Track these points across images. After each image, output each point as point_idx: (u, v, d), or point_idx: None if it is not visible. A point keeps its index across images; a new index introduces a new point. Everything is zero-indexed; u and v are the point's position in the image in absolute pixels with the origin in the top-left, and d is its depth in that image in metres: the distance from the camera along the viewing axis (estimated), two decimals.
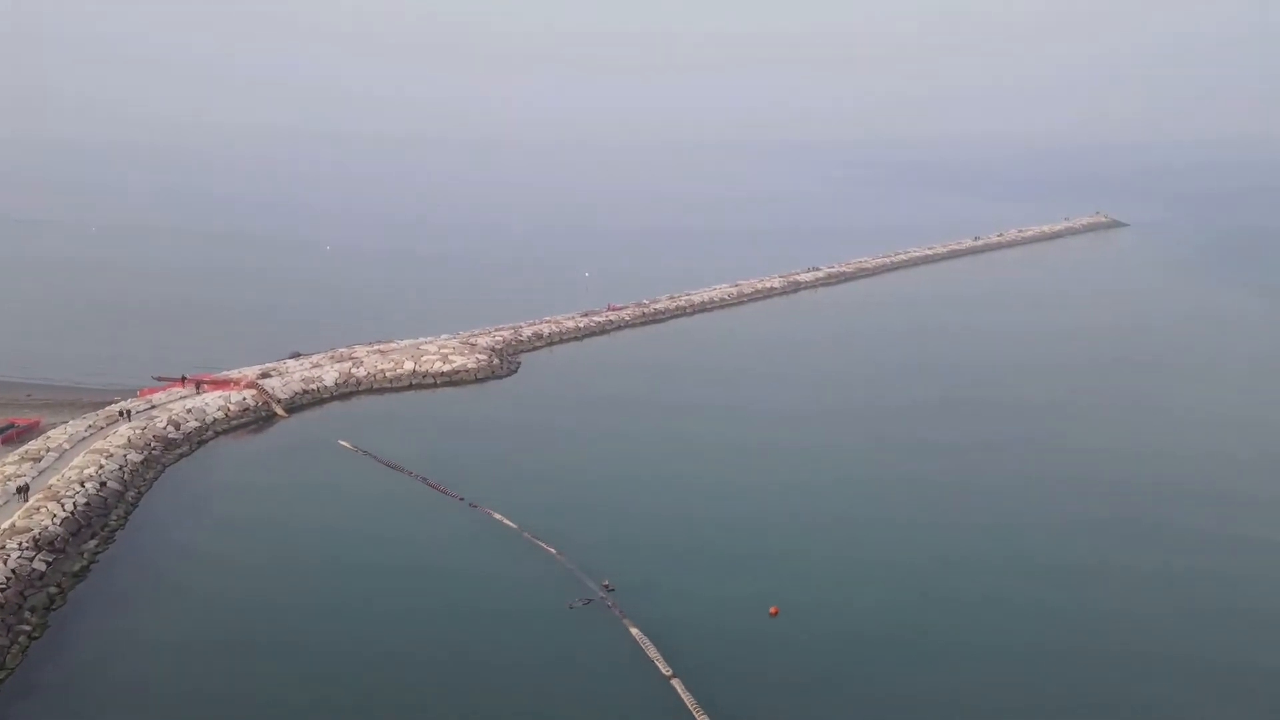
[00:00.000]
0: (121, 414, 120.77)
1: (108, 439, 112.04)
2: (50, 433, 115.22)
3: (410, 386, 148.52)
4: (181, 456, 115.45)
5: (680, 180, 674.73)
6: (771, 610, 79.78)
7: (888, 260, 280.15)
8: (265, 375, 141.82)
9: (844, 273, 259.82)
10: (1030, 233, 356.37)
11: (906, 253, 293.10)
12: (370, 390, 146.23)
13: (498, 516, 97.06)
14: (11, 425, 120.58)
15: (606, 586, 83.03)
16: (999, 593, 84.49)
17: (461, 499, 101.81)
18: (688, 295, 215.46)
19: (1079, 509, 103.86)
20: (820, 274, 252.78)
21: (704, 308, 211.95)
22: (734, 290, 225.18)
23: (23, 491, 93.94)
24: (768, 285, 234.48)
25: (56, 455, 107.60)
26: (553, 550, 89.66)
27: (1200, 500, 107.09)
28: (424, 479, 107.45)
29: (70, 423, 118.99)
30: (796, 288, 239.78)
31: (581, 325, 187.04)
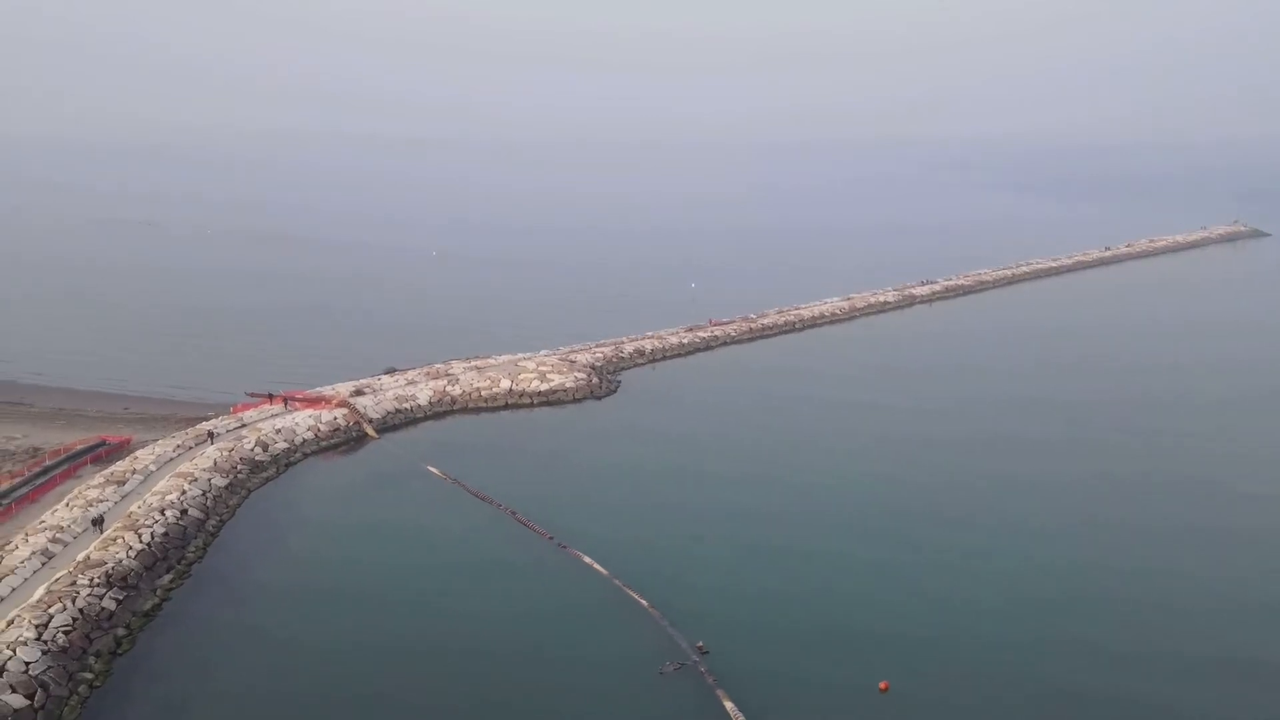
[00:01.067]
0: (210, 435, 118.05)
1: (194, 461, 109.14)
2: (138, 453, 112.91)
3: (506, 406, 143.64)
4: (267, 480, 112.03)
5: (747, 179, 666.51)
6: (881, 685, 71.83)
7: (1009, 273, 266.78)
8: (359, 393, 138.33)
9: (962, 285, 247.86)
10: (1163, 243, 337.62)
11: (1029, 264, 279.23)
12: (465, 409, 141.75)
13: (587, 560, 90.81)
14: (103, 443, 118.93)
15: (700, 649, 76.02)
16: (1161, 688, 74.17)
17: (551, 538, 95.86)
18: (796, 310, 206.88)
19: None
20: (936, 287, 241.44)
21: (814, 323, 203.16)
22: (845, 304, 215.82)
23: (98, 524, 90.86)
24: (880, 299, 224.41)
25: (141, 479, 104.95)
26: (645, 603, 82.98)
27: None
28: (513, 513, 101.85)
29: (159, 442, 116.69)
30: (911, 301, 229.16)
31: (685, 341, 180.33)
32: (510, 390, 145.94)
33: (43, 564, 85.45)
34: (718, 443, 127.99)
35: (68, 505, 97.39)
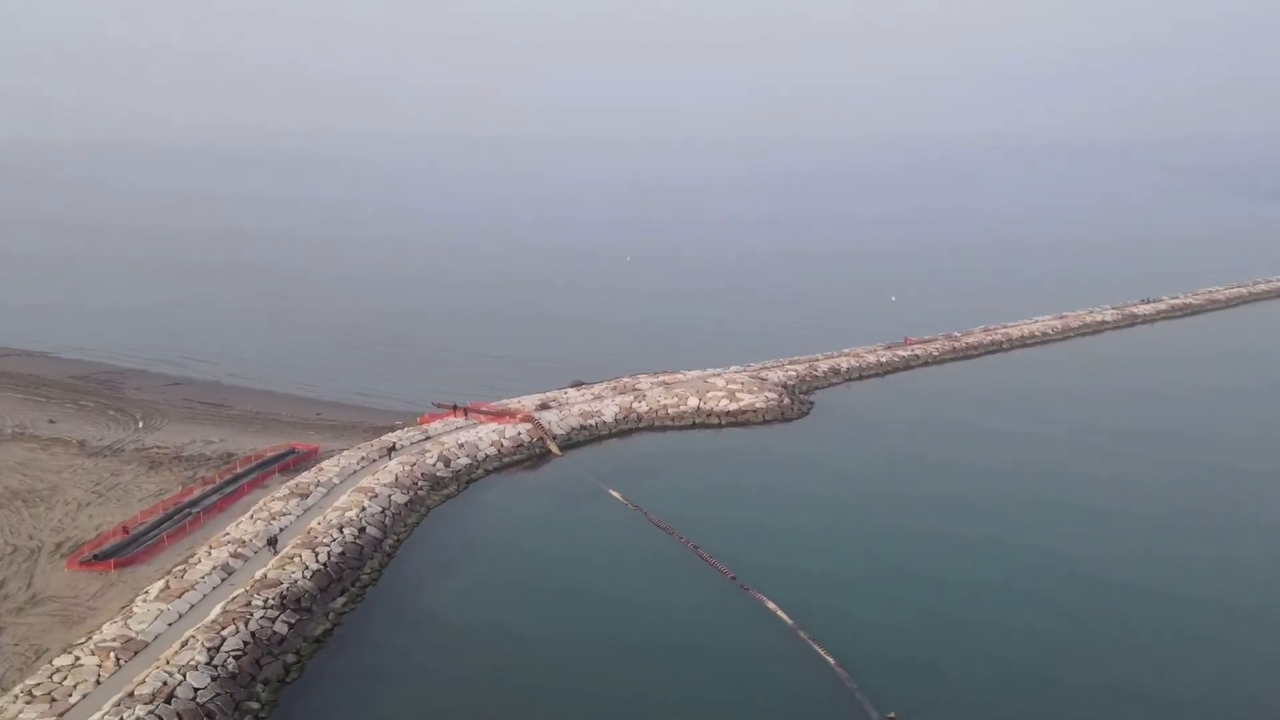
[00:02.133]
0: (391, 448, 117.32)
1: (375, 475, 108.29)
2: (324, 464, 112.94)
3: (693, 425, 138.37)
4: (447, 498, 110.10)
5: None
6: None
7: (1244, 291, 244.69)
8: (544, 406, 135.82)
9: (1190, 304, 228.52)
10: None
11: (1269, 281, 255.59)
12: (650, 427, 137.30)
13: (771, 606, 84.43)
14: (292, 451, 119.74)
15: (891, 719, 68.71)
16: None
17: (733, 578, 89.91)
18: (1004, 328, 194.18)
19: None
20: (1161, 306, 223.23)
21: (1023, 343, 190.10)
22: (1058, 323, 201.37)
23: (272, 543, 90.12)
24: (1098, 318, 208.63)
25: (324, 492, 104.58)
26: (831, 660, 76.01)
27: None
28: (695, 547, 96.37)
29: (344, 453, 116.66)
30: (1133, 321, 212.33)
31: (883, 360, 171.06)
32: (698, 409, 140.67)
33: (222, 580, 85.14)
34: (921, 478, 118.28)
35: (252, 518, 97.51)
